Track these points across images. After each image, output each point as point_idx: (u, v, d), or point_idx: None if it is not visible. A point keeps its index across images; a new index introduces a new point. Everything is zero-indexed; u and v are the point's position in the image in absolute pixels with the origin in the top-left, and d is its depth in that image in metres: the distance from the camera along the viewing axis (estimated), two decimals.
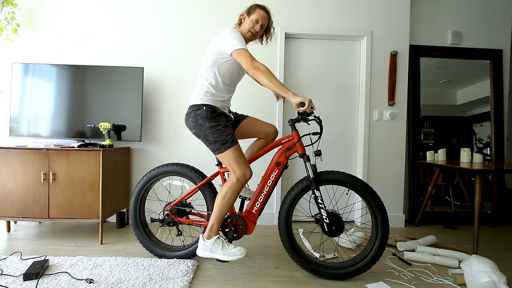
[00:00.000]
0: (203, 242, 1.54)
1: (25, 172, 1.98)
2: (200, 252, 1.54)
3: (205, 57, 1.60)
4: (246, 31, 1.64)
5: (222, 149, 1.51)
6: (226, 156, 1.52)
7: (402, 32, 2.55)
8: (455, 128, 2.72)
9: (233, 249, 1.50)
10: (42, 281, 1.44)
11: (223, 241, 1.53)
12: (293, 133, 1.60)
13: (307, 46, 2.60)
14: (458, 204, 2.68)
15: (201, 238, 1.56)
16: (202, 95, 1.57)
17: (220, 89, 1.60)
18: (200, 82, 1.60)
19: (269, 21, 1.68)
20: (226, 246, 1.52)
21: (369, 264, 1.52)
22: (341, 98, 2.63)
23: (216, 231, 1.56)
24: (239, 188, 1.52)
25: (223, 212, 1.54)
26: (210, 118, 1.53)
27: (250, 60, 1.43)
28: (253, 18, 1.62)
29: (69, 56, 2.48)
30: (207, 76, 1.58)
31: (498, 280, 1.39)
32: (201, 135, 1.56)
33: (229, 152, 1.51)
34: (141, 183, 1.76)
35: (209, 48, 1.59)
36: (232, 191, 1.52)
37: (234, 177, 1.51)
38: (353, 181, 1.52)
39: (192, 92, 1.64)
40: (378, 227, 1.51)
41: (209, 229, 1.55)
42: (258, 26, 1.63)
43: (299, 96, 1.41)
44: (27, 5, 2.45)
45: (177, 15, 2.48)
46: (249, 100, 2.51)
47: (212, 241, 1.52)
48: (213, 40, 1.57)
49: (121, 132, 2.27)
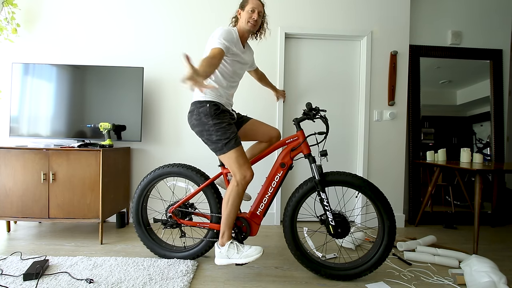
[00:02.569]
0: (219, 250, 1.53)
1: (25, 172, 1.98)
2: (218, 261, 1.53)
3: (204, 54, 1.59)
4: (246, 23, 1.61)
5: (224, 149, 1.49)
6: (227, 157, 1.50)
7: (402, 32, 2.55)
8: (455, 128, 2.72)
9: (249, 250, 1.49)
10: (42, 281, 1.44)
11: (237, 245, 1.51)
12: (298, 133, 1.57)
13: (307, 46, 2.60)
14: (458, 204, 2.68)
15: (216, 247, 1.55)
16: (205, 91, 1.56)
17: (222, 84, 1.59)
18: None
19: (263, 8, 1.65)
20: (241, 248, 1.50)
21: (372, 268, 1.51)
22: (341, 98, 2.63)
23: (228, 236, 1.54)
24: (240, 190, 1.51)
25: (231, 217, 1.53)
26: (214, 115, 1.51)
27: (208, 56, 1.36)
28: (248, 9, 1.60)
29: (69, 56, 2.48)
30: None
31: (498, 280, 1.39)
32: (204, 133, 1.53)
33: (231, 153, 1.48)
34: (144, 182, 1.74)
35: (206, 47, 1.59)
36: (234, 195, 1.51)
37: (234, 180, 1.50)
38: (364, 184, 1.49)
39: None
40: (384, 233, 1.50)
41: (221, 237, 1.54)
42: (255, 15, 1.60)
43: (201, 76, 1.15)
44: (27, 5, 2.45)
45: (177, 15, 2.48)
46: (249, 100, 2.51)
47: (226, 247, 1.51)
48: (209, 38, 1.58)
49: (121, 132, 2.27)
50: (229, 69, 1.59)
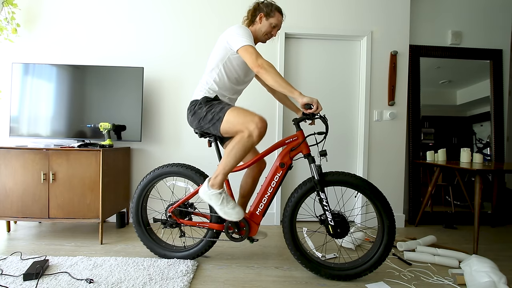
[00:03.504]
0: (206, 188, 1.50)
1: (25, 172, 1.98)
2: (201, 193, 1.51)
3: (212, 54, 1.57)
4: (263, 34, 1.59)
5: (222, 117, 1.43)
6: (226, 121, 1.42)
7: (402, 32, 2.55)
8: (455, 128, 2.72)
9: (231, 210, 1.47)
10: (42, 281, 1.44)
11: (224, 197, 1.49)
12: (297, 133, 1.57)
13: (307, 46, 2.60)
14: (458, 204, 2.68)
15: (206, 182, 1.52)
16: (205, 91, 1.55)
17: (225, 87, 1.58)
18: (204, 79, 1.59)
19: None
20: (225, 202, 1.48)
21: (371, 268, 1.51)
22: (341, 98, 2.63)
23: (220, 182, 1.49)
24: (248, 144, 1.39)
25: (229, 167, 1.47)
26: (206, 102, 1.51)
27: (255, 57, 1.37)
28: (272, 23, 1.57)
29: (69, 56, 2.48)
30: (212, 73, 1.56)
31: (498, 280, 1.39)
32: (201, 122, 1.51)
33: (228, 113, 1.42)
34: (144, 182, 1.74)
35: (216, 45, 1.57)
36: (239, 146, 1.40)
37: (246, 131, 1.38)
38: (363, 184, 1.49)
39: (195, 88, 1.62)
40: (384, 233, 1.50)
41: (214, 177, 1.50)
42: (275, 32, 1.60)
43: (306, 96, 1.32)
44: (27, 5, 2.45)
45: (177, 15, 2.48)
46: (249, 100, 2.51)
47: (214, 192, 1.48)
48: (221, 36, 1.54)
49: (121, 132, 2.27)
50: (237, 73, 1.57)
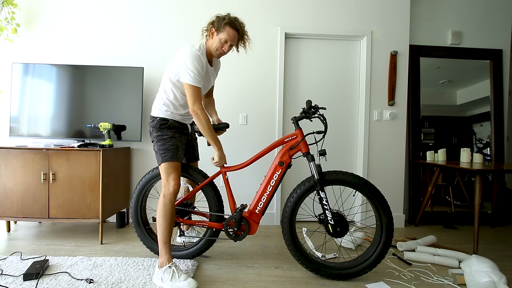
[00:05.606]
0: (157, 270, 1.47)
1: (25, 172, 1.98)
2: (154, 279, 1.46)
3: (167, 70, 1.55)
4: (214, 50, 1.53)
5: (160, 160, 1.51)
6: (160, 167, 1.52)
7: (402, 32, 2.55)
8: (455, 128, 2.72)
9: (183, 282, 1.38)
10: (42, 281, 1.44)
11: (174, 271, 1.42)
12: (296, 132, 1.58)
13: (307, 46, 2.60)
14: (458, 204, 2.68)
15: (156, 265, 1.51)
16: (160, 107, 1.56)
17: (179, 104, 1.57)
18: (159, 95, 1.58)
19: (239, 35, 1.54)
20: (176, 277, 1.40)
21: (371, 266, 1.52)
22: (341, 98, 2.63)
23: (166, 255, 1.47)
24: (167, 202, 1.50)
25: (165, 232, 1.49)
26: (159, 128, 1.55)
27: (192, 102, 1.45)
28: (222, 38, 1.49)
29: (69, 56, 2.48)
30: (166, 89, 1.55)
31: (498, 280, 1.39)
32: (153, 144, 1.58)
33: (163, 164, 1.50)
34: (143, 181, 1.74)
35: (171, 61, 1.53)
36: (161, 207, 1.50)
37: (164, 190, 1.51)
38: (360, 182, 1.50)
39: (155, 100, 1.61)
40: (382, 230, 1.51)
41: (160, 255, 1.49)
42: (226, 47, 1.52)
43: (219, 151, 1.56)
44: (27, 5, 2.45)
45: (177, 15, 2.48)
46: (249, 100, 2.51)
47: (163, 270, 1.43)
48: (176, 56, 1.50)
49: (121, 132, 2.27)
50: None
